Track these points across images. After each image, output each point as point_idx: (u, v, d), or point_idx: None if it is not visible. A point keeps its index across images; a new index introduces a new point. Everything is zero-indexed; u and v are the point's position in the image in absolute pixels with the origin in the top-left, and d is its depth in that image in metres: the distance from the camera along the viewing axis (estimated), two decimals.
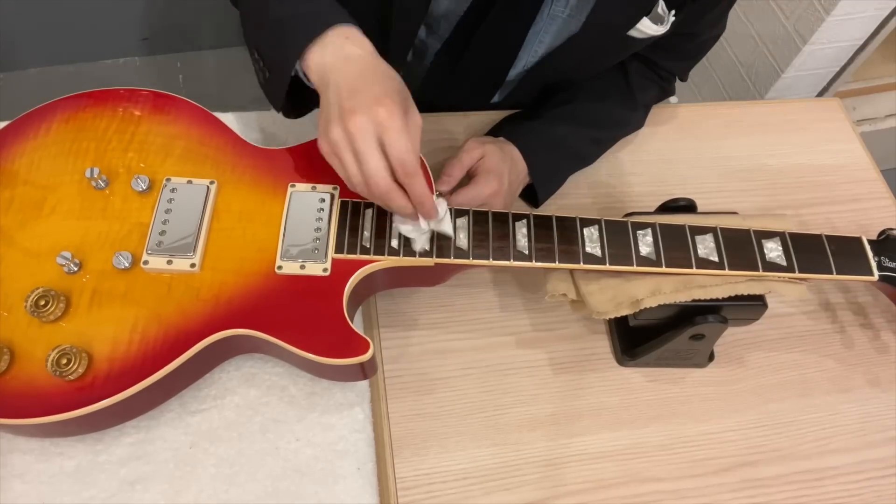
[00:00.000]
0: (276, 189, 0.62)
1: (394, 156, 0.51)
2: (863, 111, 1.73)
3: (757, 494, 0.64)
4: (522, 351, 0.69)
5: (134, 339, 0.55)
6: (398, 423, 0.64)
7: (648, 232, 0.62)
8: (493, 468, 0.63)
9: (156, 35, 1.85)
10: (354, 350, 0.55)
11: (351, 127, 0.51)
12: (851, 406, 0.70)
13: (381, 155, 0.52)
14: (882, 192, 0.86)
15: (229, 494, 0.58)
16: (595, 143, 0.80)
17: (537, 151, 0.74)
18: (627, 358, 0.69)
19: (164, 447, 0.59)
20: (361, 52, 0.55)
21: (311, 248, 0.59)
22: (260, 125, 0.77)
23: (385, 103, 0.51)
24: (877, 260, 0.63)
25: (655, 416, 0.68)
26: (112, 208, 0.60)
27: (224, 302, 0.57)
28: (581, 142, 0.77)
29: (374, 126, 0.51)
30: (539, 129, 0.76)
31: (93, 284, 0.57)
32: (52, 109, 0.65)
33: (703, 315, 0.62)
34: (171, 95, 0.66)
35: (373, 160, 0.51)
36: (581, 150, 0.79)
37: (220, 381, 0.63)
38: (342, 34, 0.55)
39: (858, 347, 0.74)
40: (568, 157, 0.78)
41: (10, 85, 1.80)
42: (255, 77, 0.63)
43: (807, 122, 0.81)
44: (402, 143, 0.51)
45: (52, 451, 0.58)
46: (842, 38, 1.38)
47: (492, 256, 0.60)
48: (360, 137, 0.51)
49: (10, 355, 0.53)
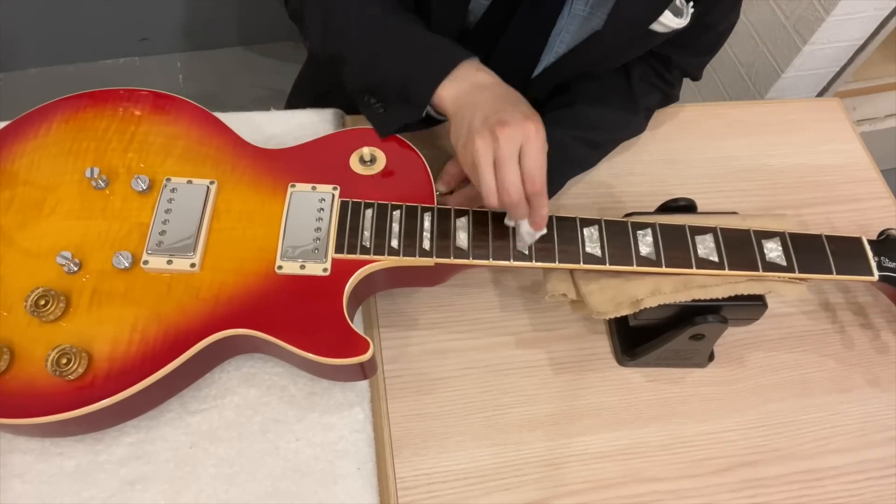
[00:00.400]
0: (276, 189, 0.62)
1: (528, 168, 0.55)
2: (863, 111, 1.73)
3: (757, 494, 0.64)
4: (522, 351, 0.69)
5: (134, 339, 0.55)
6: (398, 423, 0.64)
7: (648, 232, 0.62)
8: (493, 468, 0.63)
9: (156, 35, 1.85)
10: (354, 350, 0.55)
11: (500, 134, 0.55)
12: (851, 406, 0.70)
13: (518, 168, 0.56)
14: (882, 192, 0.86)
15: (229, 494, 0.58)
16: (594, 146, 0.80)
17: None
18: (627, 358, 0.69)
19: (164, 447, 0.59)
20: (493, 80, 0.61)
21: (311, 248, 0.59)
22: (260, 125, 0.77)
23: (535, 120, 0.56)
24: (877, 260, 0.63)
25: (655, 416, 0.68)
26: (112, 208, 0.60)
27: (224, 302, 0.57)
28: (580, 146, 0.77)
29: (522, 137, 0.55)
30: None
31: (93, 284, 0.57)
32: (52, 109, 0.65)
33: (703, 315, 0.62)
34: (170, 95, 0.67)
35: (512, 170, 0.55)
36: (580, 155, 0.79)
37: (220, 381, 0.62)
38: (472, 66, 0.62)
39: (858, 347, 0.74)
40: (566, 162, 0.77)
41: (10, 85, 1.80)
42: (255, 77, 0.63)
43: (807, 122, 0.81)
44: (540, 159, 0.56)
45: (52, 451, 0.58)
46: (842, 38, 1.38)
47: (492, 256, 0.60)
48: (505, 146, 0.55)
49: (10, 355, 0.53)
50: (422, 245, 0.60)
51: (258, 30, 1.90)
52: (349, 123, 0.81)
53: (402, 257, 0.59)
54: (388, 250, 0.59)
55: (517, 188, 0.56)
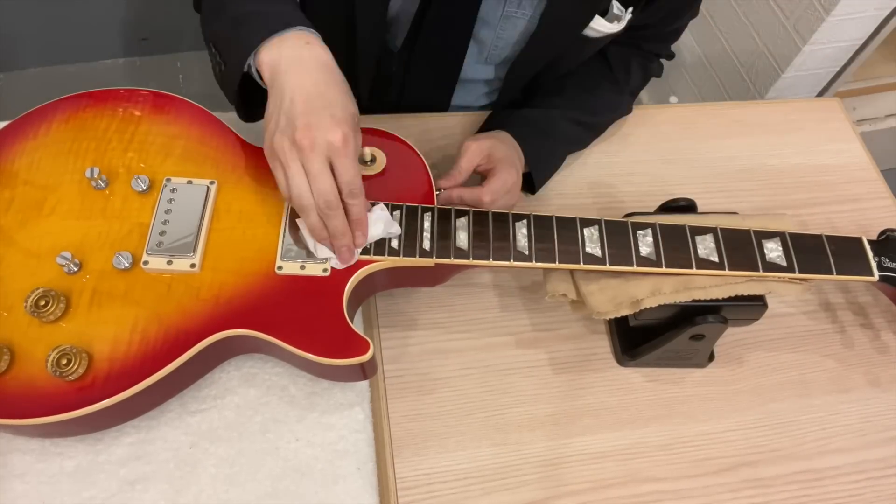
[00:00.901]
0: (276, 189, 0.62)
1: (344, 180, 0.53)
2: (863, 111, 1.73)
3: (757, 494, 0.64)
4: (522, 351, 0.69)
5: (134, 340, 0.55)
6: (398, 423, 0.64)
7: (648, 232, 0.62)
8: (493, 468, 0.63)
9: (156, 35, 1.85)
10: (354, 350, 0.55)
11: (304, 142, 0.52)
12: (851, 406, 0.70)
13: (331, 175, 0.53)
14: (882, 192, 0.86)
15: (229, 494, 0.58)
16: (586, 127, 0.81)
17: (530, 137, 0.74)
18: (627, 358, 0.69)
19: (164, 447, 0.59)
20: (318, 56, 0.56)
21: (311, 249, 0.59)
22: (260, 125, 0.77)
23: (342, 129, 0.53)
24: (877, 260, 0.63)
25: (655, 416, 0.68)
26: (112, 208, 0.60)
27: (224, 302, 0.57)
28: (572, 126, 0.78)
29: (327, 149, 0.52)
30: (529, 116, 0.76)
31: (93, 284, 0.57)
32: (51, 109, 0.65)
33: (703, 315, 0.62)
34: (170, 95, 0.67)
35: (326, 180, 0.53)
36: (573, 134, 0.80)
37: (220, 381, 0.62)
38: (302, 38, 0.56)
39: (858, 347, 0.74)
40: (561, 142, 0.78)
41: (10, 85, 1.80)
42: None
43: (807, 122, 0.81)
44: (353, 170, 0.54)
45: (52, 451, 0.58)
46: (842, 38, 1.38)
47: (492, 257, 0.60)
48: (311, 156, 0.52)
49: (10, 355, 0.53)
50: (422, 245, 0.60)
51: None
52: None
53: (402, 257, 0.59)
54: (388, 250, 0.59)
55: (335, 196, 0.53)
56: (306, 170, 0.53)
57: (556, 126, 0.77)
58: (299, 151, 0.53)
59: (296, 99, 0.53)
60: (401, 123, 0.82)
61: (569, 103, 0.78)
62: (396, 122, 0.82)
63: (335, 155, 0.53)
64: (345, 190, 0.54)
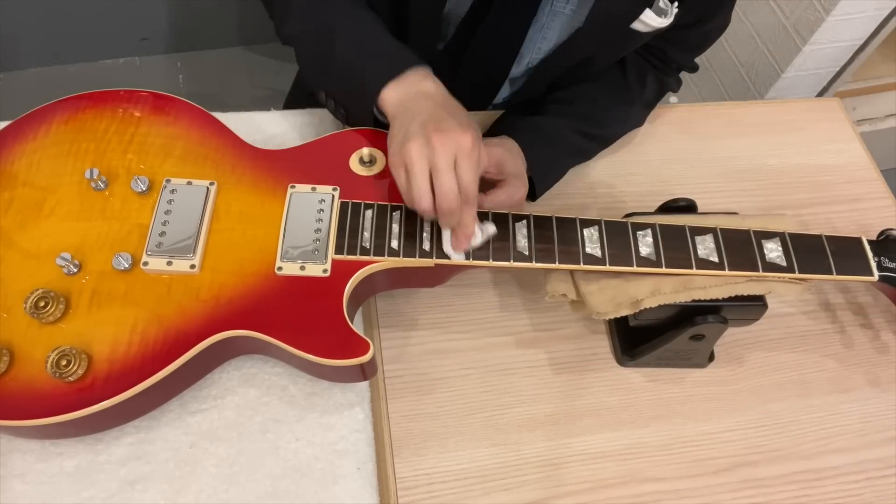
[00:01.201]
0: (276, 190, 0.62)
1: (462, 182, 0.55)
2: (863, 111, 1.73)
3: (757, 494, 0.64)
4: (522, 351, 0.69)
5: (134, 341, 0.55)
6: (398, 423, 0.64)
7: (648, 232, 0.62)
8: (493, 468, 0.63)
9: (156, 35, 1.85)
10: (354, 351, 0.55)
11: (436, 142, 0.54)
12: (851, 406, 0.70)
13: (454, 176, 0.55)
14: (882, 192, 0.86)
15: (229, 494, 0.58)
16: (593, 140, 0.80)
17: (535, 145, 0.74)
18: (627, 358, 0.69)
19: (164, 447, 0.59)
20: (438, 89, 0.61)
21: (310, 249, 0.59)
22: (260, 125, 0.77)
23: (471, 133, 0.56)
24: (877, 260, 0.63)
25: (655, 416, 0.68)
26: (112, 209, 0.60)
27: (224, 303, 0.57)
28: (580, 138, 0.78)
29: (457, 148, 0.55)
30: (538, 124, 0.76)
31: (92, 285, 0.57)
32: (51, 110, 0.65)
33: (703, 315, 0.62)
34: (170, 96, 0.67)
35: (449, 178, 0.55)
36: (579, 146, 0.79)
37: (220, 380, 0.63)
38: (419, 74, 0.61)
39: (858, 347, 0.74)
40: (566, 153, 0.78)
41: (10, 85, 1.80)
42: (255, 77, 0.64)
43: (807, 122, 0.81)
44: (473, 173, 0.55)
45: (52, 451, 0.58)
46: (842, 38, 1.38)
47: (492, 257, 0.60)
48: (441, 154, 0.54)
49: (9, 356, 0.53)
50: (422, 246, 0.60)
51: (258, 30, 1.90)
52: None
53: (402, 258, 0.59)
54: (388, 251, 0.59)
55: (455, 195, 0.55)
56: (434, 165, 0.54)
57: (563, 137, 0.76)
58: (429, 149, 0.54)
59: (424, 113, 0.57)
60: None
61: (579, 113, 0.78)
62: None
63: (462, 155, 0.55)
64: (461, 194, 0.55)
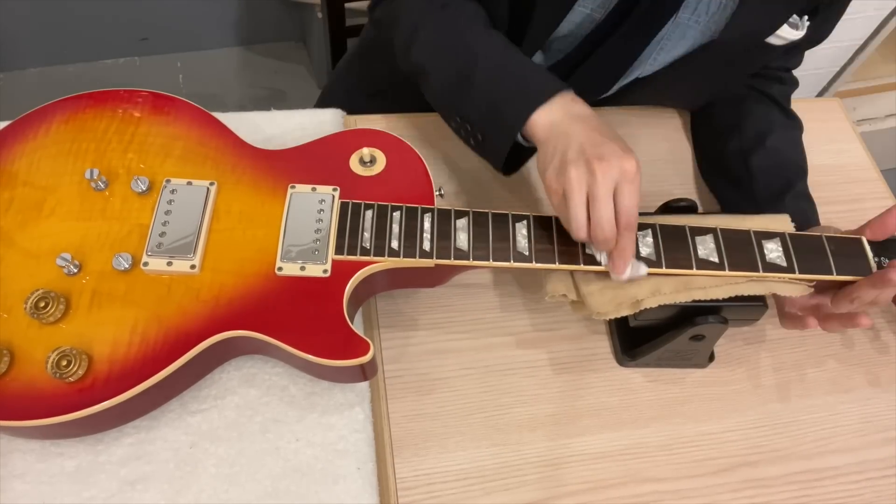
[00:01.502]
0: (276, 190, 0.62)
1: (625, 207, 0.55)
2: (863, 111, 1.73)
3: (757, 494, 0.64)
4: (522, 351, 0.69)
5: (134, 341, 0.55)
6: (398, 423, 0.64)
7: (648, 232, 0.62)
8: (493, 468, 0.63)
9: (156, 35, 1.85)
10: (355, 351, 0.55)
11: (598, 170, 0.54)
12: (851, 406, 0.70)
13: (613, 205, 0.55)
14: (882, 192, 0.86)
15: (229, 494, 0.58)
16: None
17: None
18: (628, 358, 0.69)
19: (164, 447, 0.59)
20: (588, 112, 0.60)
21: (311, 250, 0.59)
22: (260, 125, 0.77)
23: (632, 159, 0.55)
24: (877, 260, 0.63)
25: (655, 416, 0.68)
26: (112, 209, 0.60)
27: (224, 303, 0.57)
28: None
29: (620, 175, 0.55)
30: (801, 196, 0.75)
31: (93, 286, 0.57)
32: (51, 110, 0.65)
33: (703, 315, 0.62)
34: (170, 96, 0.67)
35: (607, 208, 0.55)
36: None
37: (221, 381, 0.63)
38: (567, 97, 0.61)
39: (858, 347, 0.74)
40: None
41: (10, 85, 1.80)
42: (255, 77, 0.63)
43: (807, 122, 0.81)
44: (636, 198, 0.55)
45: (52, 452, 0.58)
46: (842, 38, 1.38)
47: (492, 257, 0.60)
48: (602, 182, 0.54)
49: (9, 357, 0.53)
50: (422, 246, 0.60)
51: (258, 30, 1.90)
52: (349, 124, 0.81)
53: (402, 258, 0.59)
54: (388, 251, 0.59)
55: (611, 225, 0.55)
56: (593, 194, 0.55)
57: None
58: (590, 176, 0.55)
59: (580, 137, 0.57)
60: (413, 122, 0.82)
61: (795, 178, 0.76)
62: (409, 120, 0.82)
63: (625, 180, 0.55)
64: (622, 220, 0.55)
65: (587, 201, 0.56)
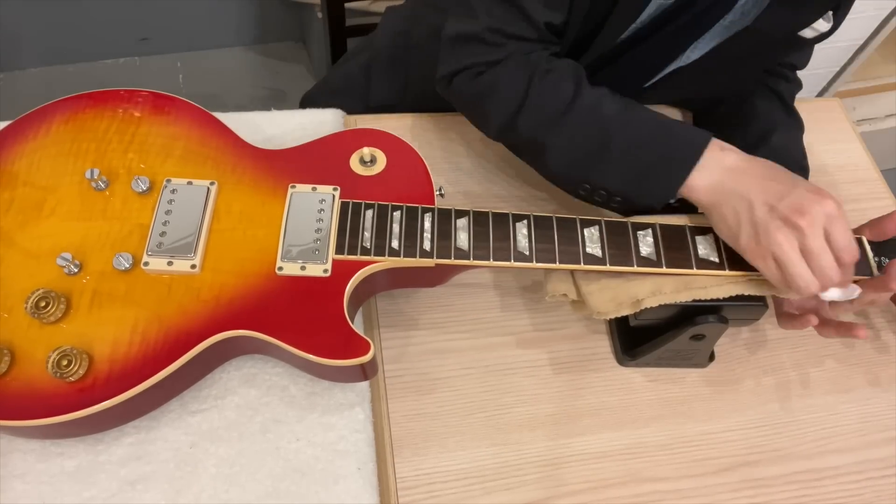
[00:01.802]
0: (277, 190, 0.62)
1: (842, 245, 0.54)
2: (863, 111, 1.73)
3: (757, 494, 0.64)
4: (523, 351, 0.69)
5: (134, 341, 0.55)
6: (398, 423, 0.64)
7: (649, 232, 0.62)
8: (493, 468, 0.63)
9: (156, 35, 1.85)
10: (355, 351, 0.55)
11: (804, 225, 0.53)
12: (851, 406, 0.70)
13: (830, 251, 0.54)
14: (882, 192, 0.86)
15: (230, 494, 0.58)
16: None
17: None
18: (628, 358, 0.69)
19: (164, 447, 0.59)
20: (741, 158, 0.59)
21: (311, 249, 0.59)
22: (260, 125, 0.77)
23: (828, 198, 0.54)
24: (877, 260, 0.63)
25: (656, 415, 0.68)
26: (112, 209, 0.60)
27: (224, 303, 0.57)
28: None
29: (826, 220, 0.54)
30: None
31: (93, 286, 0.57)
32: (51, 110, 0.65)
33: (703, 315, 0.62)
34: (170, 96, 0.67)
35: (828, 257, 0.54)
36: None
37: (221, 381, 0.63)
38: (714, 148, 0.59)
39: (858, 347, 0.74)
40: None
41: (10, 85, 1.80)
42: (255, 77, 0.63)
43: (807, 122, 0.81)
44: (848, 233, 0.55)
45: (52, 451, 0.58)
46: (842, 38, 1.38)
47: (492, 257, 0.60)
48: (813, 236, 0.53)
49: (10, 357, 0.53)
50: (422, 246, 0.60)
51: (258, 30, 1.90)
52: (349, 124, 0.81)
53: (402, 258, 0.59)
54: (388, 251, 0.59)
55: (836, 272, 0.55)
56: (808, 249, 0.54)
57: None
58: (798, 233, 0.54)
59: (756, 193, 0.55)
60: (413, 122, 0.82)
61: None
62: (410, 120, 0.82)
63: (833, 221, 0.54)
64: (844, 258, 0.55)
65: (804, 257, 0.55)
